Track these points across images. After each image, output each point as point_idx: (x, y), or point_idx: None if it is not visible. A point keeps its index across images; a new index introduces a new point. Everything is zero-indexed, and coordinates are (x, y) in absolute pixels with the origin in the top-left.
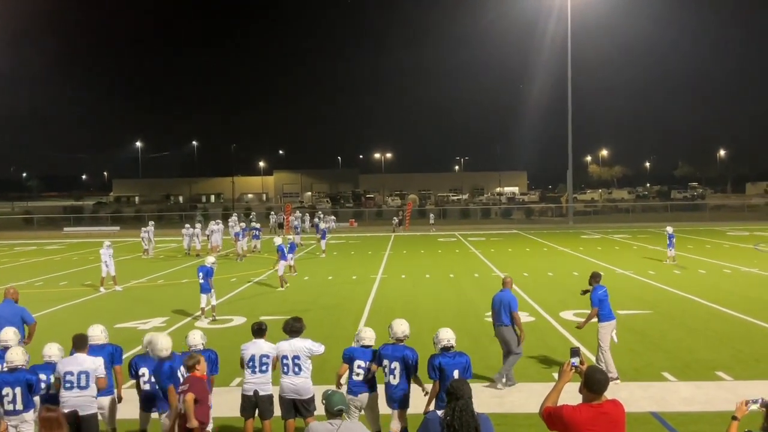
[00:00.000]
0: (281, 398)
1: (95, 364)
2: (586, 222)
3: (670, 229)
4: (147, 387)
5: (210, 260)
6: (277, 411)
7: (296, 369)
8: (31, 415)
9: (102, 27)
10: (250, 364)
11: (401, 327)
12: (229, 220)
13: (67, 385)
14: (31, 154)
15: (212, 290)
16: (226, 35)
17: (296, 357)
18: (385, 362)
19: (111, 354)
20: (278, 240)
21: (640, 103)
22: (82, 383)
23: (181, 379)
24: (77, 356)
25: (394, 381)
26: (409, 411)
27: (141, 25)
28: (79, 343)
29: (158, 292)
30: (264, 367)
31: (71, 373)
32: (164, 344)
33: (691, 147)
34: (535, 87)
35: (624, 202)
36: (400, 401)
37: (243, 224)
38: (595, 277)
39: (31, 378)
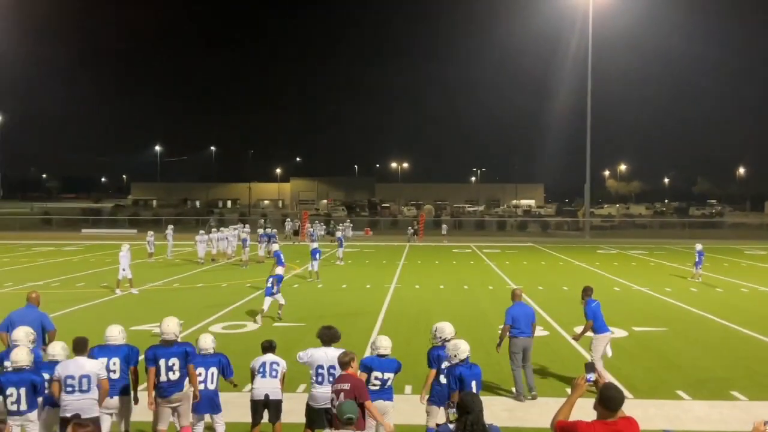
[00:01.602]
0: (313, 409)
1: (96, 368)
2: (602, 237)
3: (699, 247)
4: (201, 386)
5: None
6: (292, 418)
7: (330, 379)
8: (35, 415)
9: (124, 30)
10: (261, 369)
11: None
12: (236, 227)
13: (69, 388)
14: (51, 156)
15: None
16: (248, 41)
17: (332, 367)
18: (446, 363)
19: (127, 355)
20: (276, 246)
21: (660, 119)
22: (84, 387)
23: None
24: (78, 360)
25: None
26: (412, 422)
27: (164, 29)
28: (80, 347)
29: (173, 296)
30: (274, 373)
31: (72, 377)
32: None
33: (711, 164)
34: (555, 100)
35: (641, 218)
36: None
37: (260, 230)
38: (586, 291)
39: (36, 379)
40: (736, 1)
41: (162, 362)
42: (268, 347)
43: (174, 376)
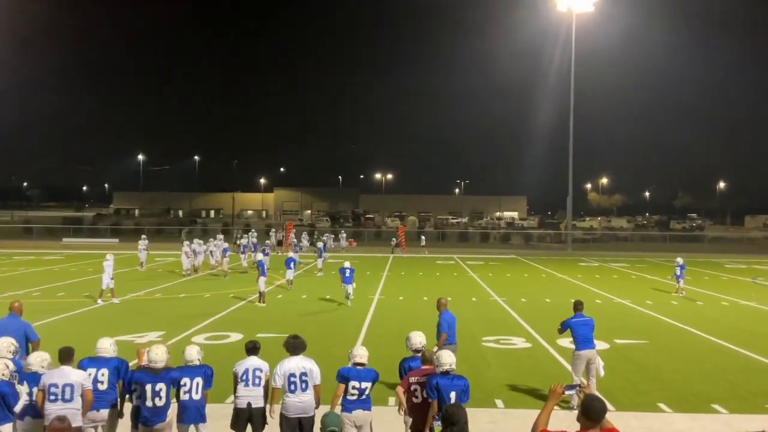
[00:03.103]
0: (286, 419)
1: (81, 377)
2: (584, 249)
3: (680, 261)
4: (186, 397)
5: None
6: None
7: (303, 386)
8: (8, 428)
9: (106, 38)
10: (244, 377)
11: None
12: (216, 237)
13: (52, 397)
14: (32, 164)
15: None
16: (231, 51)
17: (304, 374)
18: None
19: (117, 368)
20: (259, 256)
21: (641, 133)
22: (67, 396)
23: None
24: (63, 369)
25: None
26: None
27: (145, 37)
28: (65, 356)
29: (156, 306)
30: (257, 381)
31: (56, 386)
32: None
33: (691, 178)
34: (538, 113)
35: (623, 231)
36: None
37: (242, 241)
38: (576, 306)
39: (6, 390)
40: (715, 20)
41: (149, 387)
42: (252, 348)
43: (160, 402)
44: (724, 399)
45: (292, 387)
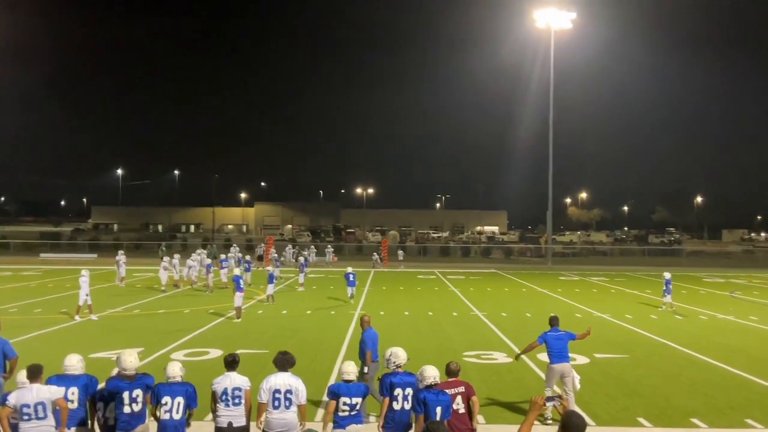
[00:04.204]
0: None
1: (51, 393)
2: (564, 263)
3: (667, 275)
4: (167, 416)
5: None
6: None
7: (287, 403)
8: None
9: (84, 53)
10: (223, 397)
11: (400, 354)
12: (199, 252)
13: (25, 417)
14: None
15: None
16: (210, 66)
17: (289, 391)
18: (398, 390)
19: (86, 385)
20: (237, 271)
21: (620, 149)
22: (40, 414)
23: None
24: (32, 387)
25: (407, 406)
26: None
27: (123, 51)
28: (33, 374)
29: (134, 322)
30: (237, 400)
31: (27, 405)
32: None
33: (669, 193)
34: (518, 128)
35: (602, 245)
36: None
37: (222, 255)
38: (551, 321)
39: None
40: (691, 36)
41: (126, 394)
42: (231, 362)
43: (137, 407)
44: (703, 413)
45: (276, 404)
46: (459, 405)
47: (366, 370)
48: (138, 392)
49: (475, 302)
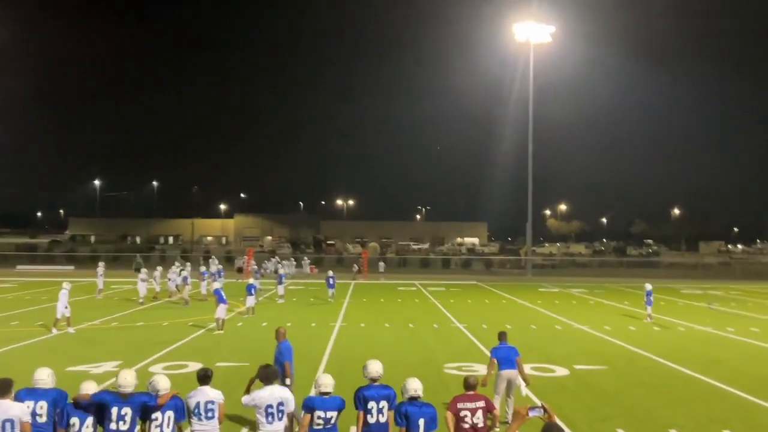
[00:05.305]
0: None
1: (20, 410)
2: (544, 275)
3: (648, 287)
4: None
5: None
6: None
7: (280, 415)
8: None
9: (62, 64)
10: (196, 411)
11: (375, 367)
12: (178, 264)
13: None
14: None
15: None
16: (189, 77)
17: (281, 404)
18: (372, 403)
19: (55, 399)
20: (216, 284)
21: (599, 161)
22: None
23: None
24: (2, 403)
25: (383, 419)
26: None
27: (102, 62)
28: (3, 389)
29: (112, 335)
30: (210, 414)
31: None
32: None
33: (647, 205)
34: (498, 141)
35: (581, 257)
36: None
37: (202, 268)
38: (500, 336)
39: None
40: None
41: (114, 410)
42: (204, 377)
43: (124, 426)
44: (682, 425)
45: (270, 418)
46: (479, 419)
47: (288, 382)
48: (127, 410)
49: (456, 314)
